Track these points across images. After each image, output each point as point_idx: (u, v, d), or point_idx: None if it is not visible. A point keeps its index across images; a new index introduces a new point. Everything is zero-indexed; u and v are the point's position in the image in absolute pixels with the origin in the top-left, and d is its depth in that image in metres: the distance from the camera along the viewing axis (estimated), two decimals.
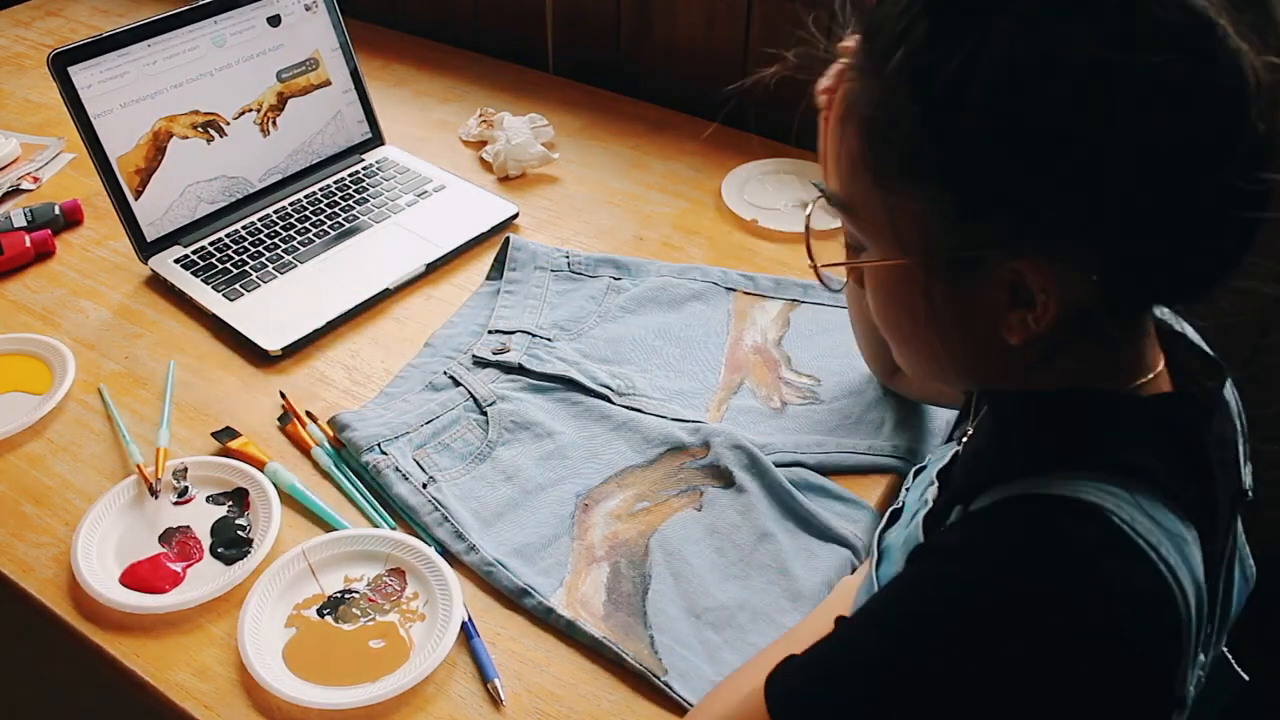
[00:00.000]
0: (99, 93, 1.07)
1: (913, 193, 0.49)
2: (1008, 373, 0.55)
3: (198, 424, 0.96)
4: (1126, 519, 0.48)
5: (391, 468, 0.89)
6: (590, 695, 0.75)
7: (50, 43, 1.59)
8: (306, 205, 1.21)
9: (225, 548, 0.84)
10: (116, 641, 0.78)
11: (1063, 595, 0.46)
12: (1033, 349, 0.50)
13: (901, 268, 0.53)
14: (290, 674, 0.75)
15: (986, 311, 0.51)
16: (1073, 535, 0.48)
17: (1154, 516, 0.49)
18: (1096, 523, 0.48)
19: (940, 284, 0.51)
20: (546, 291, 1.10)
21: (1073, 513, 0.48)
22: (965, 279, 0.50)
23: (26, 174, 1.31)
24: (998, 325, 0.51)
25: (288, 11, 1.20)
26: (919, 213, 0.50)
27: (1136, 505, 0.48)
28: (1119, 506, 0.48)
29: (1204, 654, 0.54)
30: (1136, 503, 0.48)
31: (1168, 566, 0.48)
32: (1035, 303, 0.49)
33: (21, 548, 0.85)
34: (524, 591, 0.80)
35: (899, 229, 0.51)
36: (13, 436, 0.94)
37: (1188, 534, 0.50)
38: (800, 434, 0.93)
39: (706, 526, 0.86)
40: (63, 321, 1.09)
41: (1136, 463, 0.50)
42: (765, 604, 0.80)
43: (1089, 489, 0.49)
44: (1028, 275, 0.48)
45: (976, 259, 0.49)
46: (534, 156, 1.28)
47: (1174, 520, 0.49)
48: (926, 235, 0.50)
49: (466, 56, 1.57)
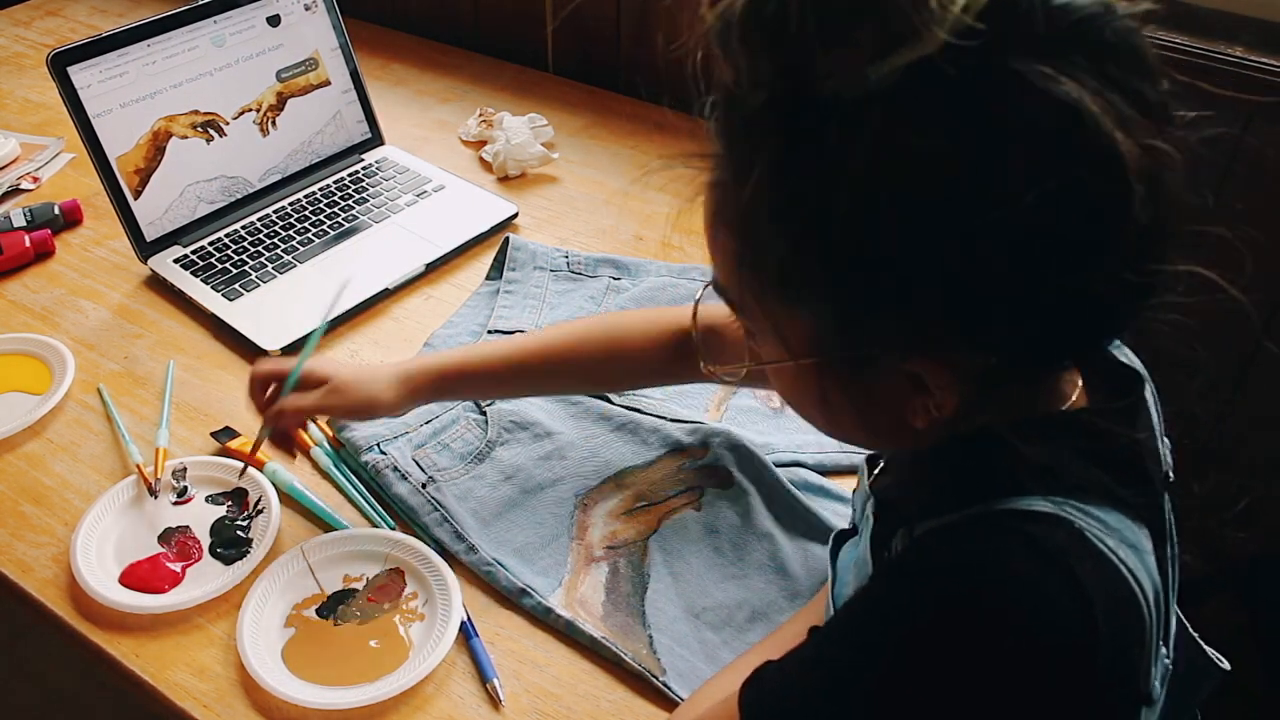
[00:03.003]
0: (98, 92, 1.07)
1: (793, 306, 0.48)
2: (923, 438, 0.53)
3: (197, 424, 0.96)
4: (1084, 526, 0.47)
5: (391, 467, 0.89)
6: (589, 695, 0.75)
7: (50, 42, 1.60)
8: (306, 205, 1.21)
9: (224, 548, 0.84)
10: (116, 641, 0.78)
11: (1034, 600, 0.45)
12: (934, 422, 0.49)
13: (793, 366, 0.51)
14: (289, 674, 0.75)
15: (888, 400, 0.50)
16: (1039, 540, 0.46)
17: (1107, 522, 0.48)
18: (1060, 527, 0.47)
19: (834, 382, 0.50)
20: (546, 291, 1.10)
21: (1035, 520, 0.47)
22: (859, 376, 0.49)
23: (26, 174, 1.31)
24: (901, 411, 0.50)
25: (287, 11, 1.20)
26: (801, 323, 0.48)
27: (1090, 514, 0.48)
28: (1074, 515, 0.47)
29: (1165, 646, 0.54)
30: (1088, 511, 0.48)
31: (1128, 569, 0.47)
32: (933, 394, 0.48)
33: (21, 548, 0.85)
34: (523, 591, 0.80)
35: (784, 333, 0.50)
36: (12, 436, 0.95)
37: (1141, 535, 0.49)
38: (800, 434, 0.93)
39: (705, 526, 0.86)
40: (62, 321, 1.09)
41: (1080, 473, 0.49)
42: (764, 604, 0.80)
43: (1041, 503, 0.48)
44: (922, 372, 0.47)
45: (866, 359, 0.48)
46: (534, 156, 1.28)
47: (1127, 523, 0.49)
48: (811, 342, 0.49)
49: (466, 56, 1.57)
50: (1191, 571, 0.60)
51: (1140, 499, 0.50)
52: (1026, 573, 0.46)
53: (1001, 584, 0.46)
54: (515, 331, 1.04)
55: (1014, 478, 0.49)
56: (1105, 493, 0.49)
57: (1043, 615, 0.45)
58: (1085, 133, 0.40)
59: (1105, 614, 0.45)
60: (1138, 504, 0.50)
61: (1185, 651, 0.63)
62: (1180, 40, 1.03)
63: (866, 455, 0.67)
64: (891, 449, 0.58)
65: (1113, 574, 0.47)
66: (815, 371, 0.50)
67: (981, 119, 0.40)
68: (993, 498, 0.49)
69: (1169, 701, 0.55)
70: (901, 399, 0.49)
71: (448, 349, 0.91)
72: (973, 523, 0.49)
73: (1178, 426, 0.61)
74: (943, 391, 0.47)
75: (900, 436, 0.53)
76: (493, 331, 1.04)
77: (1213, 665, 0.65)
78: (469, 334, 1.05)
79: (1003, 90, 0.40)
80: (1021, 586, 0.46)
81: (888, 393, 0.49)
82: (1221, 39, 1.02)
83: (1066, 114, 0.40)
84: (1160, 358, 0.61)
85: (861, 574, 0.60)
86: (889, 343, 0.46)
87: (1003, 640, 0.46)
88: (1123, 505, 0.49)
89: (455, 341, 1.04)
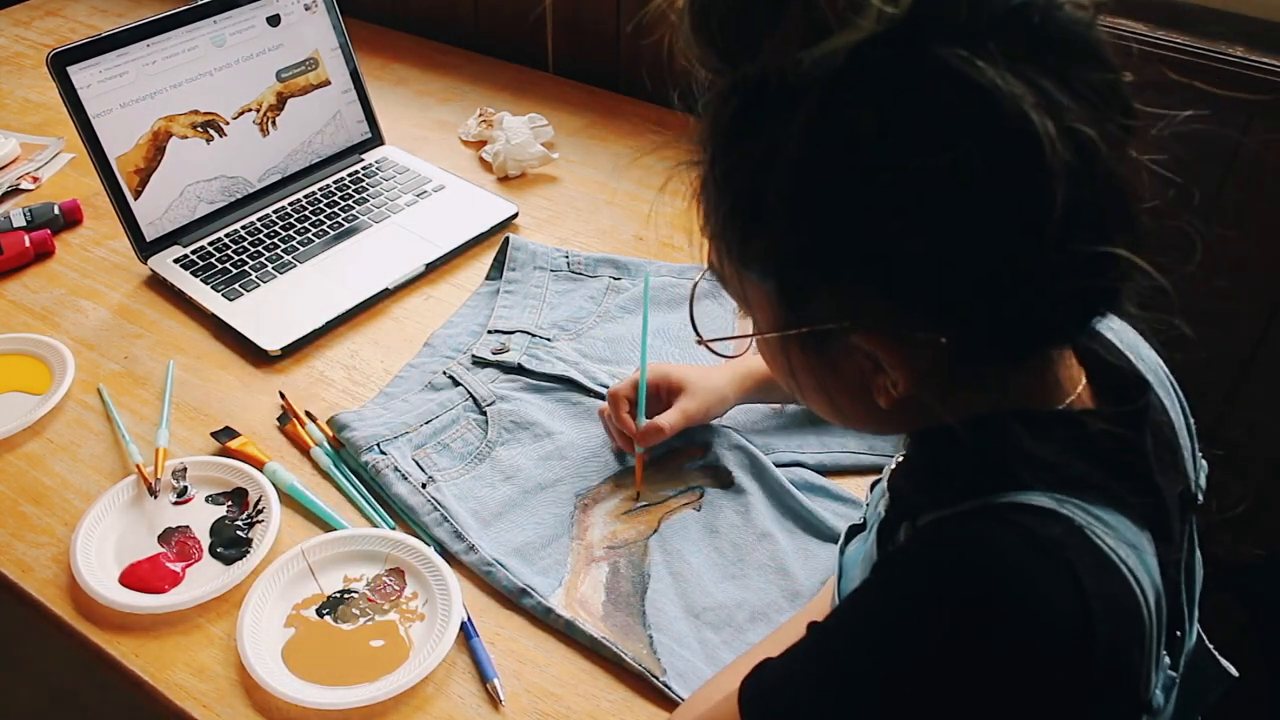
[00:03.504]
0: (98, 92, 1.07)
1: (749, 275, 0.50)
2: (904, 422, 0.55)
3: (197, 424, 0.96)
4: (1084, 523, 0.47)
5: (391, 468, 0.89)
6: (589, 695, 0.75)
7: (50, 42, 1.59)
8: (306, 205, 1.21)
9: (224, 547, 0.84)
10: (116, 641, 0.78)
11: (1031, 595, 0.46)
12: (908, 405, 0.50)
13: (766, 339, 0.53)
14: (289, 674, 0.75)
15: (852, 378, 0.51)
16: (1037, 534, 0.47)
17: (1108, 521, 0.48)
18: (1059, 522, 0.47)
19: (799, 356, 0.51)
20: (546, 291, 1.10)
21: (1034, 514, 0.48)
22: (824, 350, 0.50)
23: (26, 174, 1.31)
24: (868, 390, 0.51)
25: (287, 11, 1.20)
26: (761, 294, 0.50)
27: (1090, 512, 0.48)
28: (1074, 512, 0.48)
29: (1169, 655, 0.54)
30: (1089, 509, 0.48)
31: (1128, 567, 0.47)
32: (887, 371, 0.49)
33: (21, 548, 0.85)
34: (523, 591, 0.80)
35: (752, 304, 0.52)
36: (12, 436, 0.95)
37: (1143, 538, 0.49)
38: (800, 434, 0.93)
39: (706, 526, 0.86)
40: (62, 321, 1.09)
41: (1082, 473, 0.49)
42: (764, 604, 0.80)
43: (1043, 498, 0.48)
44: (872, 348, 0.48)
45: (825, 334, 0.49)
46: (533, 156, 1.28)
47: (1128, 525, 0.49)
48: (771, 313, 0.51)
49: (466, 56, 1.57)
50: None
51: (1141, 500, 0.50)
52: (1024, 567, 0.46)
53: (999, 578, 0.46)
54: (516, 332, 1.04)
55: (1016, 472, 0.49)
56: (1105, 492, 0.49)
57: (1039, 610, 0.45)
58: (1001, 113, 0.41)
59: (1103, 612, 0.45)
60: (1138, 505, 0.50)
61: (1198, 661, 0.62)
62: (1180, 40, 1.03)
63: None
64: (861, 429, 0.59)
65: (1111, 571, 0.47)
66: (781, 345, 0.52)
67: (903, 100, 0.42)
68: (994, 491, 0.49)
69: (1176, 712, 0.55)
70: (865, 378, 0.50)
71: None
72: (972, 516, 0.49)
73: None
74: (895, 370, 0.48)
75: (867, 417, 0.54)
76: (492, 331, 1.04)
77: (1223, 672, 0.65)
78: (469, 334, 1.05)
79: (924, 74, 0.42)
80: (1019, 581, 0.46)
81: (850, 370, 0.51)
82: (1221, 39, 1.02)
83: (981, 96, 0.41)
84: None
85: (867, 568, 0.60)
86: (829, 316, 0.48)
87: (999, 634, 0.46)
88: (1123, 505, 0.49)
89: (456, 341, 1.04)
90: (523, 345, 1.02)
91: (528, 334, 1.04)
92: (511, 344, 1.02)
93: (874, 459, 0.91)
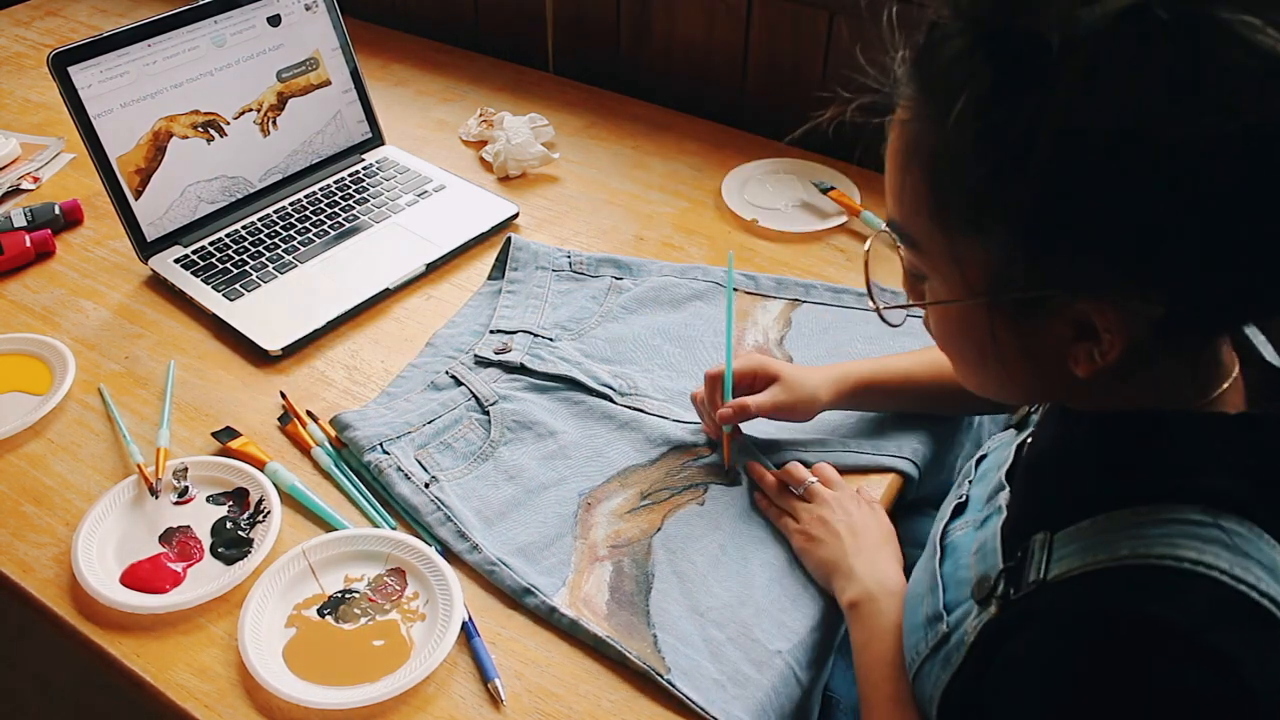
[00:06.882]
0: (99, 92, 1.07)
1: (977, 238, 0.50)
2: (1077, 395, 0.55)
3: (198, 424, 0.96)
4: (1225, 567, 0.48)
5: (394, 467, 0.89)
6: (590, 695, 0.75)
7: (50, 42, 1.59)
8: (306, 205, 1.21)
9: (225, 547, 0.84)
10: (117, 641, 0.78)
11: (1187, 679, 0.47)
12: (1101, 376, 0.51)
13: (965, 305, 0.53)
14: (291, 674, 0.75)
15: (1052, 345, 0.51)
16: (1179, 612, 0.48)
17: (1249, 553, 0.48)
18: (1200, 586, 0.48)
19: (1004, 321, 0.52)
20: (548, 291, 1.10)
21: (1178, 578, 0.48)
22: (1030, 316, 0.51)
23: (26, 174, 1.31)
24: (1064, 357, 0.51)
25: (288, 11, 1.20)
26: (983, 256, 0.50)
27: (1233, 547, 0.48)
28: (1217, 556, 0.48)
29: None
30: (1232, 542, 0.48)
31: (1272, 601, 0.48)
32: (1101, 339, 0.49)
33: (22, 548, 0.85)
34: (527, 591, 0.80)
35: (963, 270, 0.52)
36: (13, 436, 0.94)
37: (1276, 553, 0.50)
38: (803, 433, 0.93)
39: (709, 525, 0.85)
40: (63, 321, 1.08)
41: (1227, 490, 0.50)
42: (768, 602, 0.80)
43: (1186, 543, 0.48)
44: (1093, 315, 0.48)
45: (1041, 299, 0.49)
46: (534, 156, 1.28)
47: (1270, 550, 0.49)
48: (990, 278, 0.51)
49: (466, 56, 1.57)
50: None
51: None
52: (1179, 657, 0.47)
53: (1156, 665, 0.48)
54: (518, 332, 1.04)
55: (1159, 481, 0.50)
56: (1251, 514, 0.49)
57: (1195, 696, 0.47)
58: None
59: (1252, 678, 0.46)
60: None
61: None
62: None
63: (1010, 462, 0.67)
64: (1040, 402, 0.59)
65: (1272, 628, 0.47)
66: (986, 311, 0.52)
67: (1186, 65, 0.42)
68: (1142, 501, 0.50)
69: None
70: (1066, 344, 0.50)
71: (856, 361, 0.93)
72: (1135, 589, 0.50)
73: None
74: (1110, 335, 0.48)
75: (1058, 386, 0.55)
76: (495, 331, 1.04)
77: None
78: (471, 334, 1.05)
79: (1208, 38, 0.42)
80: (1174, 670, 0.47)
81: (1051, 340, 0.51)
82: None
83: (1267, 63, 0.41)
84: None
85: (985, 563, 0.61)
86: (1067, 279, 0.48)
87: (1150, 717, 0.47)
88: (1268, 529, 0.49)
89: (459, 341, 1.04)
90: (525, 345, 1.02)
91: (530, 334, 1.04)
92: (514, 344, 1.02)
93: (877, 459, 0.91)
